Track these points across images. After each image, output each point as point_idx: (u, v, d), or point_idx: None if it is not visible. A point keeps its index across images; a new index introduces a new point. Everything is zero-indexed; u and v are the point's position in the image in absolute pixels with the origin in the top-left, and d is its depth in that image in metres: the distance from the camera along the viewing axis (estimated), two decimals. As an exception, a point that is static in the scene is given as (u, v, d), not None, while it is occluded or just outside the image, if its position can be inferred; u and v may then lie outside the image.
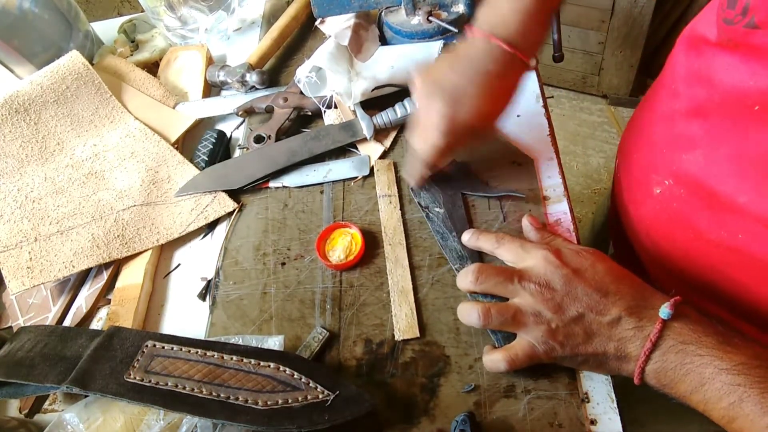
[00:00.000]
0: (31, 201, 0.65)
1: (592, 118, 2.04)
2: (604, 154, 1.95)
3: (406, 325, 0.52)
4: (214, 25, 0.84)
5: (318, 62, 0.68)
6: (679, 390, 0.41)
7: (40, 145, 0.69)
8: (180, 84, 0.78)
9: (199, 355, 0.47)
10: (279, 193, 0.65)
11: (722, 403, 0.39)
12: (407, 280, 0.55)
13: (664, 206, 0.54)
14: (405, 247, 0.57)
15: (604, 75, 1.97)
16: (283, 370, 0.46)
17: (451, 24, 0.70)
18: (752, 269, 0.48)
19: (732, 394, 0.39)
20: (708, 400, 0.40)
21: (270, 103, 0.70)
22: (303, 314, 0.55)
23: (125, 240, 0.62)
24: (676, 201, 0.52)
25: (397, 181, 0.63)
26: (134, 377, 0.45)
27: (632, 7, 1.68)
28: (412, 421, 0.47)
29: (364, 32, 0.74)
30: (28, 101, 0.68)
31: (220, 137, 0.70)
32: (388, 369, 0.50)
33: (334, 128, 0.67)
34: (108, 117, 0.72)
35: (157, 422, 0.48)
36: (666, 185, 0.53)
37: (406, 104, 0.66)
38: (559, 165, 0.61)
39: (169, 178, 0.66)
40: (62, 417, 0.49)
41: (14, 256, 0.60)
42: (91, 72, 0.71)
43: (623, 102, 2.02)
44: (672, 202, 0.52)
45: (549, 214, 0.58)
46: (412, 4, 0.70)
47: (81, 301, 0.60)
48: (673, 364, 0.41)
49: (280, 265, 0.59)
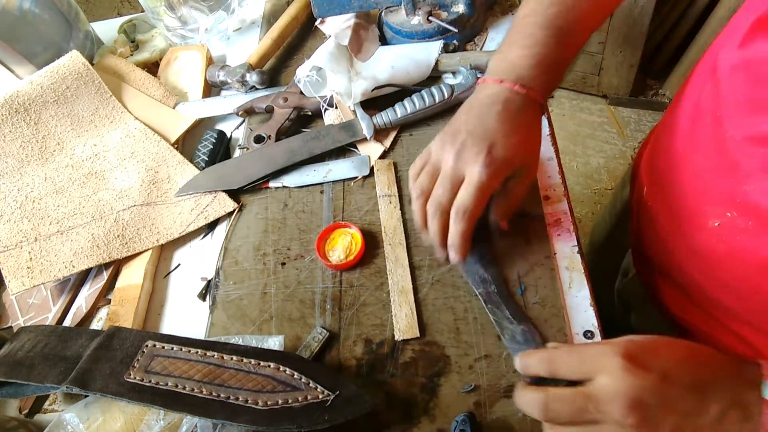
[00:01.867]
0: (31, 201, 0.65)
1: (592, 118, 2.04)
2: (604, 154, 1.95)
3: (406, 325, 0.52)
4: (214, 25, 0.84)
5: (318, 62, 0.68)
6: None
7: (40, 145, 0.69)
8: (180, 84, 0.78)
9: (199, 355, 0.47)
10: (279, 193, 0.65)
11: None
12: (407, 280, 0.55)
13: (723, 239, 0.49)
14: (405, 247, 0.57)
15: (604, 75, 1.96)
16: (283, 370, 0.46)
17: (450, 24, 0.70)
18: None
19: None
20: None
21: (270, 103, 0.70)
22: (303, 314, 0.55)
23: (125, 240, 0.62)
24: (741, 234, 0.48)
25: (397, 180, 0.63)
26: (134, 377, 0.45)
27: (632, 7, 1.68)
28: (412, 421, 0.47)
29: (364, 32, 0.74)
30: (28, 101, 0.68)
31: (220, 137, 0.70)
32: (388, 369, 0.50)
33: (334, 128, 0.67)
34: (108, 117, 0.72)
35: (157, 422, 0.48)
36: (728, 217, 0.48)
37: (406, 104, 0.66)
38: (559, 165, 0.61)
39: (169, 178, 0.66)
40: (62, 417, 0.49)
41: (14, 256, 0.60)
42: (91, 72, 0.71)
43: (623, 102, 2.02)
44: (735, 235, 0.48)
45: (549, 214, 0.58)
46: (412, 4, 0.70)
47: (81, 301, 0.60)
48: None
49: (280, 265, 0.59)
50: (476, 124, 0.50)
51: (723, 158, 0.48)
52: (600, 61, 1.91)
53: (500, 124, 0.49)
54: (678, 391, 0.37)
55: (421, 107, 0.65)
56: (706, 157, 0.51)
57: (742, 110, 0.47)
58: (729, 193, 0.48)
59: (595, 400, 0.38)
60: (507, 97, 0.50)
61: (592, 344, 0.42)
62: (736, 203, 0.48)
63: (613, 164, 1.91)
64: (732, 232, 0.49)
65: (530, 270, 0.54)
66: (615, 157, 1.93)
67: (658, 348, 0.40)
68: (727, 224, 0.49)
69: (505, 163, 0.49)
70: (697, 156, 0.52)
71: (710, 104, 0.51)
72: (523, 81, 0.50)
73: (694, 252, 0.54)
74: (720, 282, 0.53)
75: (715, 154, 0.49)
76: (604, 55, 1.88)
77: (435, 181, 0.51)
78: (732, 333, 0.56)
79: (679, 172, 0.55)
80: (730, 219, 0.48)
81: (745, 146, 0.46)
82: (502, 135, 0.49)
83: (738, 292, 0.52)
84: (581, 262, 0.54)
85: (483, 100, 0.51)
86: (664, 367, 0.38)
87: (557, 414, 0.39)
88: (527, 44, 0.52)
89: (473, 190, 0.48)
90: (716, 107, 0.50)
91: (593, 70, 1.97)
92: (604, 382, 0.38)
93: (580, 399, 0.38)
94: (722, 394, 0.38)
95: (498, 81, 0.51)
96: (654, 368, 0.38)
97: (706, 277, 0.54)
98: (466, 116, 0.51)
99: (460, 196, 0.49)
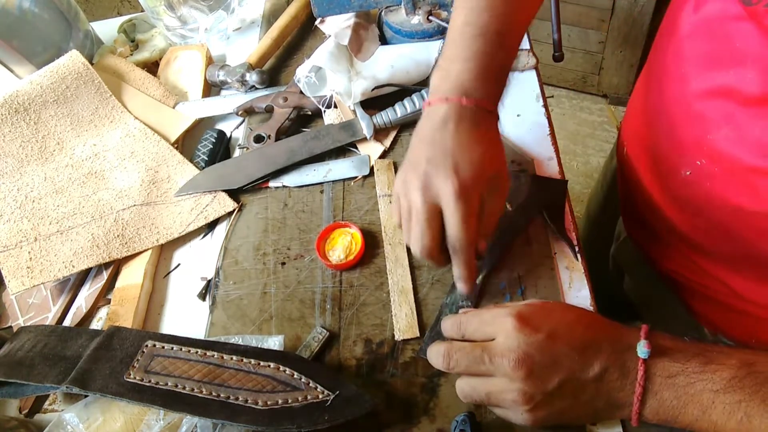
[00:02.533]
0: (31, 201, 0.65)
1: (592, 118, 2.04)
2: (604, 153, 1.95)
3: (406, 325, 0.52)
4: (214, 25, 0.84)
5: (318, 62, 0.68)
6: (684, 421, 0.41)
7: (40, 144, 0.69)
8: (180, 84, 0.78)
9: (199, 355, 0.47)
10: (279, 192, 0.65)
11: (731, 424, 0.39)
12: (407, 279, 0.55)
13: (696, 186, 0.52)
14: (405, 247, 0.57)
15: (604, 74, 1.97)
16: (283, 370, 0.46)
17: (451, 23, 0.70)
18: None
19: (737, 412, 0.39)
20: (716, 423, 0.40)
21: (270, 103, 0.70)
22: (303, 314, 0.55)
23: (125, 240, 0.61)
24: (710, 180, 0.50)
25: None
26: (134, 377, 0.45)
27: (632, 7, 1.68)
28: (412, 421, 0.47)
29: (364, 32, 0.74)
30: (28, 101, 0.68)
31: (220, 137, 0.70)
32: (388, 369, 0.50)
33: (334, 128, 0.67)
34: (108, 117, 0.71)
35: (157, 422, 0.48)
36: (698, 165, 0.50)
37: (406, 104, 0.66)
38: (559, 164, 0.61)
39: (169, 178, 0.66)
40: (62, 417, 0.49)
41: (14, 256, 0.60)
42: (90, 72, 0.71)
43: (623, 101, 2.02)
44: (706, 182, 0.50)
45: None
46: (412, 3, 0.70)
47: (81, 301, 0.60)
48: (668, 400, 0.41)
49: (280, 265, 0.59)
50: (433, 150, 0.47)
51: (689, 111, 0.51)
52: (600, 60, 1.92)
53: (458, 142, 0.47)
54: (563, 349, 0.42)
55: (422, 107, 0.65)
56: (675, 110, 0.53)
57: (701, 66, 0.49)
58: (698, 143, 0.50)
59: (490, 354, 0.43)
60: (457, 113, 0.48)
61: (494, 308, 0.47)
62: (704, 152, 0.50)
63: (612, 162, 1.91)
64: (703, 179, 0.51)
65: (530, 270, 0.54)
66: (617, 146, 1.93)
67: (548, 311, 0.45)
68: (698, 172, 0.51)
69: (475, 180, 0.46)
70: (667, 110, 0.55)
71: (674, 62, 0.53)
72: (468, 93, 0.48)
73: (673, 200, 0.57)
74: (698, 228, 0.55)
75: (683, 108, 0.52)
76: (604, 54, 1.88)
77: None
78: (714, 278, 0.58)
79: (654, 127, 0.58)
80: (701, 167, 0.51)
81: (707, 99, 0.49)
82: (463, 152, 0.47)
83: (714, 237, 0.54)
84: (581, 262, 0.54)
85: (433, 123, 0.48)
86: (551, 327, 0.43)
87: (457, 362, 0.44)
88: (467, 56, 0.49)
89: (457, 221, 0.45)
90: (680, 64, 0.52)
91: (593, 69, 1.97)
92: (499, 340, 0.43)
93: (477, 350, 0.43)
94: (603, 354, 0.42)
95: (443, 99, 0.48)
96: (542, 328, 0.43)
97: (685, 224, 0.57)
98: (420, 145, 0.49)
99: (450, 234, 0.46)
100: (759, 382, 0.39)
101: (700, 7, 0.50)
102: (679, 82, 0.53)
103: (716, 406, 0.39)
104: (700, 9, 0.50)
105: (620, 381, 0.42)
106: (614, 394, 0.42)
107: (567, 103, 2.09)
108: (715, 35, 0.48)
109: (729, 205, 0.49)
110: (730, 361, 0.40)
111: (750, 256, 0.52)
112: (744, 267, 0.54)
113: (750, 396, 0.39)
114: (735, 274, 0.56)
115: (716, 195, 0.50)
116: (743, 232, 0.50)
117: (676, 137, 0.53)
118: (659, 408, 0.41)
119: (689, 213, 0.55)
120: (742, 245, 0.51)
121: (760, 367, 0.40)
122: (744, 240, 0.51)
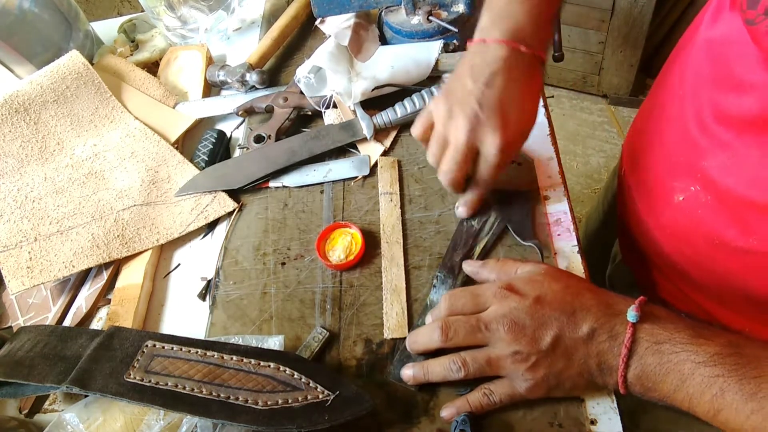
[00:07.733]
0: (31, 201, 0.65)
1: (592, 118, 2.04)
2: (604, 153, 1.95)
3: (395, 324, 0.52)
4: (214, 25, 0.84)
5: (318, 62, 0.68)
6: (663, 391, 0.41)
7: (40, 144, 0.69)
8: (180, 84, 0.78)
9: (199, 355, 0.47)
10: (279, 192, 0.65)
11: (705, 397, 0.39)
12: (401, 279, 0.55)
13: (687, 213, 0.52)
14: (402, 246, 0.57)
15: (604, 75, 1.97)
16: (283, 370, 0.46)
17: (451, 23, 0.70)
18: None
19: (713, 386, 0.39)
20: (692, 396, 0.40)
21: (270, 103, 0.70)
22: (303, 314, 0.55)
23: (125, 240, 0.61)
24: (701, 208, 0.50)
25: (400, 179, 0.63)
26: (134, 377, 0.45)
27: (632, 7, 1.68)
28: (412, 421, 0.47)
29: (364, 32, 0.74)
30: (28, 101, 0.68)
31: (220, 137, 0.70)
32: (388, 369, 0.50)
33: (334, 128, 0.67)
34: (108, 117, 0.71)
35: (157, 422, 0.48)
36: (691, 191, 0.51)
37: (406, 104, 0.66)
38: (559, 165, 0.61)
39: (169, 178, 0.66)
40: (62, 417, 0.49)
41: (14, 256, 0.60)
42: (91, 72, 0.71)
43: (623, 102, 2.02)
44: (697, 209, 0.51)
45: (549, 214, 0.58)
46: (412, 3, 0.70)
47: (81, 301, 0.60)
48: (651, 366, 0.41)
49: (280, 265, 0.59)
50: (485, 92, 0.48)
51: (686, 134, 0.51)
52: (600, 60, 1.92)
53: (511, 93, 0.48)
54: (551, 312, 0.44)
55: (422, 107, 0.65)
56: (672, 133, 0.54)
57: (701, 88, 0.49)
58: (692, 168, 0.50)
59: (485, 322, 0.45)
60: (512, 59, 0.48)
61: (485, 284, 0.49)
62: (698, 178, 0.50)
63: (613, 164, 1.90)
64: (694, 206, 0.51)
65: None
66: (615, 157, 1.93)
67: (536, 279, 0.47)
68: (690, 198, 0.51)
69: (522, 136, 0.50)
70: (665, 133, 0.55)
71: (678, 82, 0.53)
72: (525, 40, 0.48)
73: (664, 227, 0.57)
74: (686, 256, 0.55)
75: (679, 131, 0.52)
76: (604, 54, 1.88)
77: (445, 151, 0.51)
78: (700, 308, 0.58)
79: (651, 149, 0.58)
80: (693, 193, 0.51)
81: (703, 123, 0.49)
82: (514, 105, 0.48)
83: (699, 265, 0.54)
84: (581, 262, 0.54)
85: (489, 63, 0.48)
86: (538, 292, 0.45)
87: (455, 332, 0.46)
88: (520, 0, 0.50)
89: (492, 168, 0.50)
90: (681, 85, 0.52)
91: (593, 69, 1.97)
92: (492, 309, 0.46)
93: (473, 320, 0.46)
94: (592, 315, 0.44)
95: (498, 41, 0.48)
96: (529, 294, 0.45)
97: (675, 252, 0.57)
98: (472, 82, 0.48)
99: (481, 173, 0.51)
100: (741, 363, 0.39)
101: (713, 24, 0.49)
102: (679, 103, 0.52)
103: (695, 377, 0.39)
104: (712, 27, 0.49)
105: (609, 342, 0.43)
106: (604, 357, 0.43)
107: (567, 103, 2.09)
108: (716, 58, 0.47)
109: (716, 236, 0.49)
110: (718, 339, 0.41)
111: (736, 289, 0.51)
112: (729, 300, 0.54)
113: (729, 372, 0.38)
114: (718, 305, 0.55)
115: (705, 224, 0.50)
116: (729, 264, 0.50)
117: (672, 160, 0.53)
118: (641, 374, 0.41)
119: (678, 240, 0.55)
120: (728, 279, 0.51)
121: (746, 350, 0.40)
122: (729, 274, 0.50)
